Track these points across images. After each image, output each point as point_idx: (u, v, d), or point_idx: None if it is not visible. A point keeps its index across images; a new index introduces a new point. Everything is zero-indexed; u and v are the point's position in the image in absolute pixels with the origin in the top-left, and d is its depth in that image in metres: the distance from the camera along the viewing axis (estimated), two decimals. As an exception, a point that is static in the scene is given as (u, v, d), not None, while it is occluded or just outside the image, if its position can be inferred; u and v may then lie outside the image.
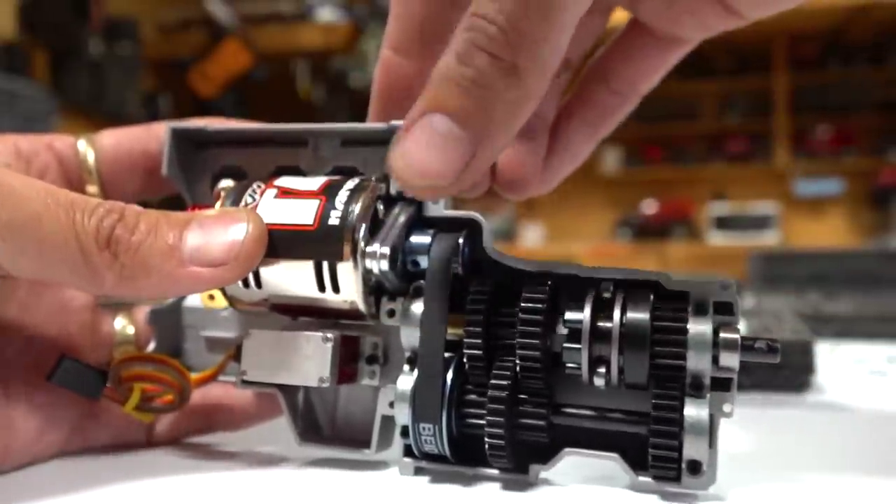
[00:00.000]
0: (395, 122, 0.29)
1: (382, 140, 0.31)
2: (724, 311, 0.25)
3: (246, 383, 0.29)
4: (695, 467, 0.25)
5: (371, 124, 0.31)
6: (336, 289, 0.27)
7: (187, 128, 0.32)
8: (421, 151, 0.23)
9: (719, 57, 3.96)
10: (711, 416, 0.25)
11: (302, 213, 0.27)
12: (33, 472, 0.28)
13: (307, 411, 0.31)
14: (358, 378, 0.29)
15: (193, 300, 0.33)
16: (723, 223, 3.93)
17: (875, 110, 3.81)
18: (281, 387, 0.29)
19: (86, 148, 0.32)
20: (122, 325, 0.32)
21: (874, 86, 3.79)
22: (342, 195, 0.27)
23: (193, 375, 0.30)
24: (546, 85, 0.23)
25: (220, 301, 0.31)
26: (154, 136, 0.33)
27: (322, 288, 0.27)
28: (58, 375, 0.27)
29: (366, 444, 0.29)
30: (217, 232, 0.26)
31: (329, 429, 0.31)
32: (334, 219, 0.27)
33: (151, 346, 0.32)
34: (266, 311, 0.29)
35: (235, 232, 0.26)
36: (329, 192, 0.28)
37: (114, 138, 0.32)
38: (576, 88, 0.37)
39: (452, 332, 0.27)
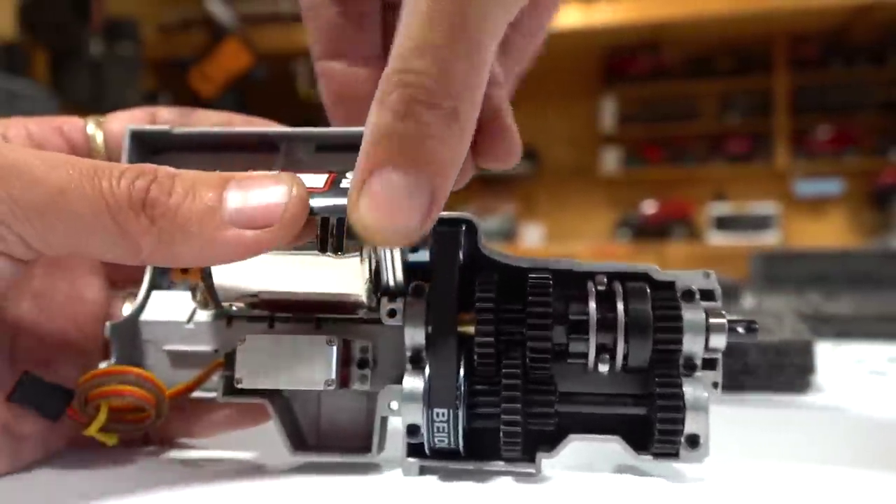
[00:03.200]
0: None
1: (359, 145, 0.31)
2: (708, 298, 0.28)
3: (231, 394, 0.29)
4: (694, 441, 0.27)
5: (348, 128, 0.30)
6: (339, 247, 0.26)
7: (149, 130, 0.31)
8: (387, 209, 0.23)
9: (719, 57, 3.96)
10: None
11: (313, 180, 0.26)
12: (17, 479, 0.28)
13: (291, 421, 0.30)
14: (350, 383, 0.29)
15: (151, 314, 0.31)
16: (723, 223, 3.92)
17: (876, 110, 3.80)
18: (269, 396, 0.29)
19: (94, 131, 0.32)
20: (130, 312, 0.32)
21: (875, 86, 3.78)
22: (349, 174, 0.27)
23: (170, 389, 0.29)
24: (479, 111, 0.24)
25: (193, 274, 0.29)
26: (159, 120, 0.32)
27: (324, 248, 0.26)
28: (18, 394, 0.26)
29: (355, 450, 0.29)
30: (258, 193, 0.25)
31: (314, 438, 0.31)
32: (346, 183, 0.26)
33: (111, 362, 0.30)
34: (247, 308, 0.29)
35: (278, 193, 0.25)
36: (337, 175, 0.27)
37: (121, 123, 0.32)
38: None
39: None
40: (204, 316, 0.30)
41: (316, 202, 0.26)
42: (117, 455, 0.31)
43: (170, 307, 0.31)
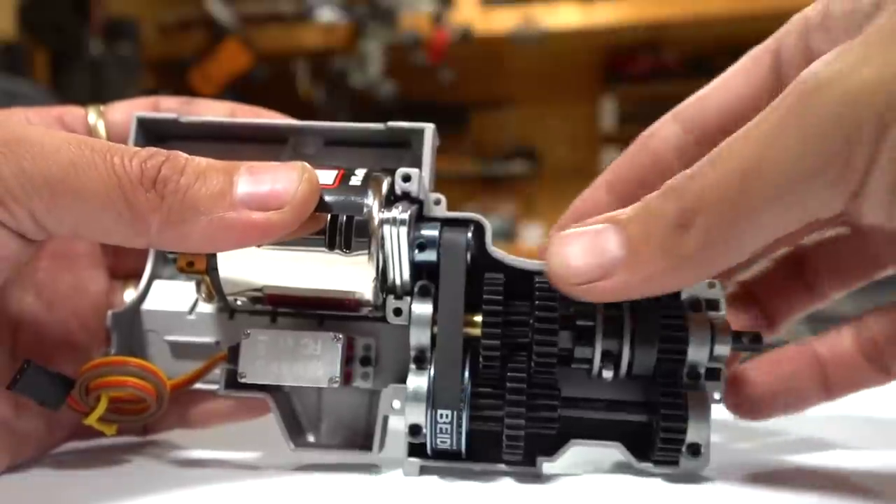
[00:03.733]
0: (391, 123, 0.29)
1: (368, 142, 0.31)
2: (713, 308, 0.28)
3: (233, 388, 0.29)
4: (695, 450, 0.27)
5: (357, 124, 0.30)
6: (348, 244, 0.26)
7: (157, 118, 0.31)
8: (575, 245, 0.25)
9: (719, 57, 3.96)
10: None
11: (323, 177, 0.27)
12: (17, 479, 0.28)
13: (291, 416, 0.30)
14: (352, 380, 0.29)
15: (153, 303, 0.31)
16: (723, 223, 3.92)
17: (875, 110, 3.81)
18: (271, 391, 0.29)
19: (96, 120, 0.32)
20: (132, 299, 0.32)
21: (874, 86, 3.78)
22: (359, 172, 0.28)
23: (171, 380, 0.29)
24: (714, 270, 0.24)
25: (199, 263, 0.28)
26: (161, 110, 0.32)
27: (332, 245, 0.26)
28: (20, 382, 0.26)
29: (355, 448, 0.29)
30: (268, 178, 0.24)
31: (314, 434, 0.31)
32: (356, 181, 0.27)
33: (111, 350, 0.30)
34: (250, 303, 0.29)
35: (288, 177, 0.25)
36: (346, 172, 0.28)
37: (124, 113, 0.32)
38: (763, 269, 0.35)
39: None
40: (206, 307, 0.30)
41: (327, 198, 0.26)
42: (117, 455, 0.31)
43: (171, 297, 0.31)
